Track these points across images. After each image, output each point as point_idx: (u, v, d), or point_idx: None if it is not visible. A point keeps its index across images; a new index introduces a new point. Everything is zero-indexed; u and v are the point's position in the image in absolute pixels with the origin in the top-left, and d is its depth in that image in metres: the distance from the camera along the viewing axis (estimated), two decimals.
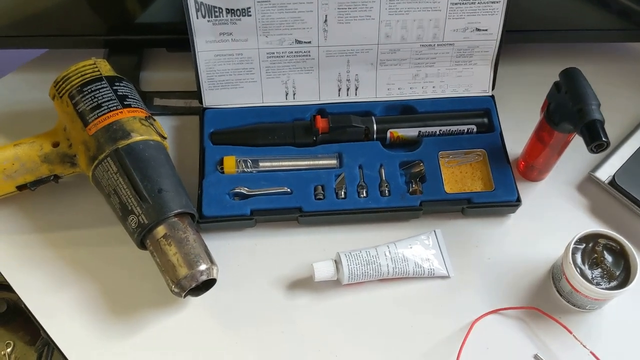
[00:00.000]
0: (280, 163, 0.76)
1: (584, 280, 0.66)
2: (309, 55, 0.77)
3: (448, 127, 0.78)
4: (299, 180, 0.74)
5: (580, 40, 0.89)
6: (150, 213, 0.67)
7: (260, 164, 0.75)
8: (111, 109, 0.71)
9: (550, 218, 0.77)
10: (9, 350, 1.24)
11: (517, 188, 0.75)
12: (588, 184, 0.79)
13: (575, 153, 0.75)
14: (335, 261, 0.70)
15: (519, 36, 0.84)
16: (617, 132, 0.83)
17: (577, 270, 0.66)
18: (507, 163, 0.77)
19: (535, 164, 0.78)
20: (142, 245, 0.69)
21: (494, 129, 0.79)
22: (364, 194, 0.74)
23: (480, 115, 0.80)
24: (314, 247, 0.73)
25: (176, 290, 0.66)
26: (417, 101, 0.80)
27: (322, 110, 0.80)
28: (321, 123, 0.77)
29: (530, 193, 0.78)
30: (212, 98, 0.79)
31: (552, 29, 0.84)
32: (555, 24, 0.84)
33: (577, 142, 0.67)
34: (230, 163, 0.75)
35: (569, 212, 0.77)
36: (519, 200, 0.74)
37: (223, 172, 0.74)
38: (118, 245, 0.73)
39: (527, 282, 0.72)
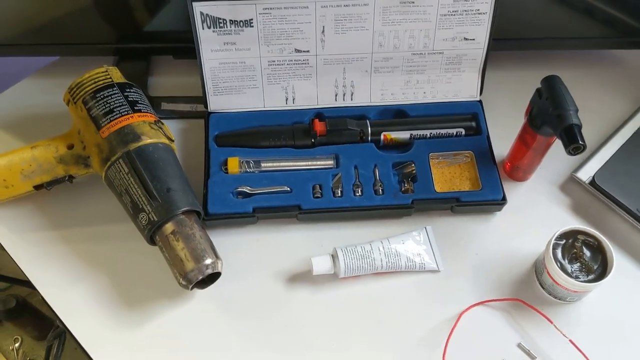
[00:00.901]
0: (281, 164, 0.78)
1: (563, 274, 0.68)
2: (308, 63, 0.79)
3: (438, 130, 0.81)
4: (298, 179, 0.76)
5: (563, 48, 0.91)
6: (159, 211, 0.69)
7: (262, 164, 0.78)
8: (122, 113, 0.74)
9: (534, 216, 0.79)
10: (17, 345, 1.28)
11: (502, 187, 0.78)
12: (570, 184, 0.82)
13: (558, 155, 0.74)
14: (332, 256, 0.72)
15: (505, 44, 0.86)
16: (597, 135, 0.85)
17: (557, 265, 0.69)
18: (494, 164, 0.79)
19: (520, 165, 0.81)
20: (151, 241, 0.71)
21: (481, 132, 0.81)
22: (359, 193, 0.76)
23: (469, 119, 0.82)
24: (312, 243, 0.75)
25: (183, 282, 0.69)
26: (409, 106, 0.83)
27: (320, 114, 0.82)
28: (319, 126, 0.79)
29: (516, 192, 0.81)
30: (216, 103, 0.82)
31: (536, 37, 0.87)
32: (540, 31, 0.86)
33: (559, 145, 0.69)
34: (233, 164, 0.77)
35: (551, 210, 0.80)
36: (504, 199, 0.77)
37: (227, 173, 0.77)
38: (129, 241, 0.75)
39: (511, 275, 0.75)
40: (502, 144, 0.81)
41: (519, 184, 0.82)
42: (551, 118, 0.70)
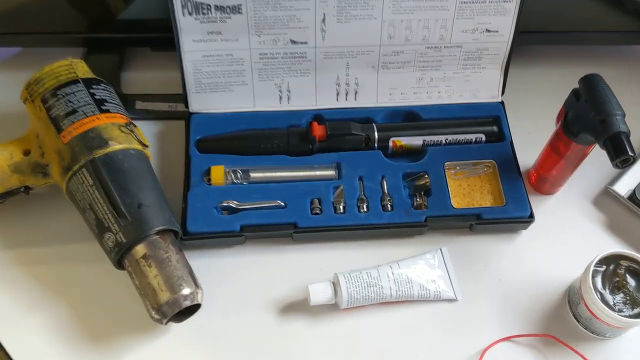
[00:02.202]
0: (273, 174, 0.72)
1: (605, 307, 0.61)
2: (305, 57, 0.73)
3: (455, 136, 0.75)
4: (294, 192, 0.70)
5: (599, 43, 0.86)
6: (128, 230, 0.62)
7: (251, 174, 0.71)
8: (87, 114, 0.66)
9: (564, 235, 0.73)
10: None
11: (529, 203, 0.71)
12: (605, 199, 0.76)
13: (591, 164, 0.71)
14: (333, 283, 0.66)
15: (532, 38, 0.80)
16: (638, 142, 0.75)
17: (597, 295, 0.62)
18: (519, 175, 0.73)
19: (548, 176, 0.74)
20: (120, 265, 0.64)
21: (504, 138, 0.75)
22: (365, 209, 0.70)
23: (490, 123, 0.76)
24: (310, 267, 0.69)
25: (157, 316, 0.61)
26: (421, 107, 0.77)
27: (319, 116, 0.76)
28: (318, 130, 0.73)
29: (542, 208, 0.74)
30: (199, 102, 0.75)
31: (568, 30, 0.81)
32: (572, 24, 0.81)
33: (594, 152, 0.64)
34: (218, 173, 0.70)
35: (584, 229, 0.74)
36: (532, 216, 0.71)
37: (210, 184, 0.70)
38: (94, 263, 0.68)
39: (541, 306, 0.68)
40: (526, 152, 0.75)
41: (545, 198, 0.76)
42: (592, 124, 0.62)
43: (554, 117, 0.68)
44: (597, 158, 0.65)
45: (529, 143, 0.75)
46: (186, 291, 0.61)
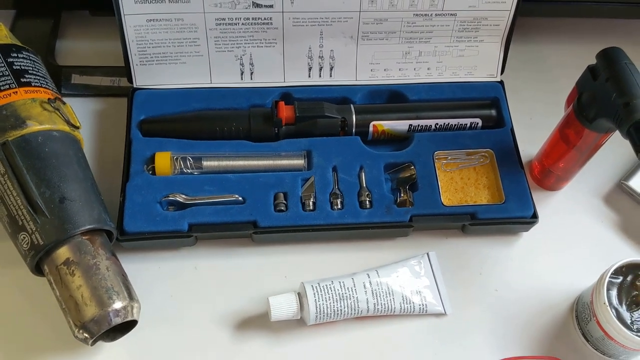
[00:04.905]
0: (230, 162, 0.65)
1: (621, 326, 0.54)
2: (271, 24, 0.65)
3: (446, 121, 0.68)
4: (254, 185, 0.63)
5: (617, 16, 0.79)
6: (47, 230, 0.53)
7: (204, 163, 0.64)
8: (2, 88, 0.57)
9: (571, 238, 0.66)
10: None
11: (532, 200, 0.63)
12: (618, 195, 0.69)
13: (603, 156, 0.64)
14: (299, 294, 0.58)
15: (538, 8, 0.74)
16: None
17: (612, 312, 0.55)
18: (521, 167, 0.65)
19: (553, 168, 0.66)
20: (38, 271, 0.55)
21: (503, 123, 0.68)
22: (339, 205, 0.63)
23: (487, 106, 0.69)
24: (272, 274, 0.62)
25: (81, 336, 0.52)
26: (407, 86, 0.70)
27: (286, 94, 0.69)
28: (285, 111, 0.66)
29: (545, 206, 0.67)
30: (144, 76, 0.67)
31: (581, 0, 0.74)
32: None
33: (608, 142, 0.59)
34: (164, 161, 0.63)
35: (595, 231, 0.67)
36: (535, 215, 0.63)
37: (154, 174, 0.63)
38: (9, 266, 0.60)
39: (544, 322, 0.61)
40: (528, 141, 0.69)
41: (549, 195, 0.68)
42: (613, 108, 0.54)
43: (562, 99, 0.62)
44: (610, 149, 0.61)
45: (532, 130, 0.69)
46: (117, 305, 0.52)
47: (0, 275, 0.60)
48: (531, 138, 0.68)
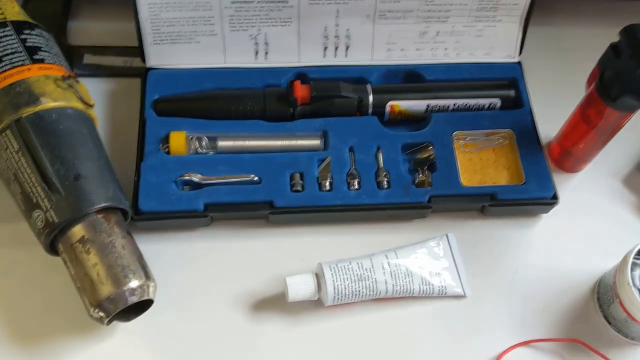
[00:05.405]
0: (246, 143, 0.63)
1: None
2: (287, 2, 0.63)
3: (465, 101, 0.66)
4: (270, 165, 0.62)
5: None
6: (62, 208, 0.52)
7: (219, 143, 0.63)
8: (15, 64, 0.56)
9: (591, 220, 0.64)
10: None
11: (553, 181, 0.62)
12: (638, 177, 0.67)
13: (621, 137, 0.62)
14: (317, 275, 0.56)
15: None
16: None
17: (636, 293, 0.53)
18: (540, 148, 0.64)
19: (573, 150, 0.64)
20: (53, 250, 0.54)
21: (522, 104, 0.66)
22: (356, 186, 0.61)
23: (506, 87, 0.67)
24: (289, 255, 0.61)
25: (96, 315, 0.51)
26: (425, 67, 0.69)
27: (302, 74, 0.68)
28: (301, 91, 0.64)
29: (565, 187, 0.65)
30: (158, 55, 0.66)
31: None
32: None
33: (628, 124, 0.58)
34: (179, 141, 0.61)
35: (614, 212, 0.65)
36: (555, 196, 0.62)
37: (169, 153, 0.61)
38: (23, 247, 0.58)
39: (565, 304, 0.60)
40: (547, 121, 0.67)
41: (568, 176, 0.67)
42: (638, 84, 0.53)
43: (580, 80, 0.60)
44: (630, 130, 0.60)
45: (550, 110, 0.67)
46: (134, 284, 0.51)
47: (12, 257, 0.59)
48: (549, 119, 0.66)
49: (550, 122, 0.66)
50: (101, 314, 0.50)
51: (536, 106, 0.66)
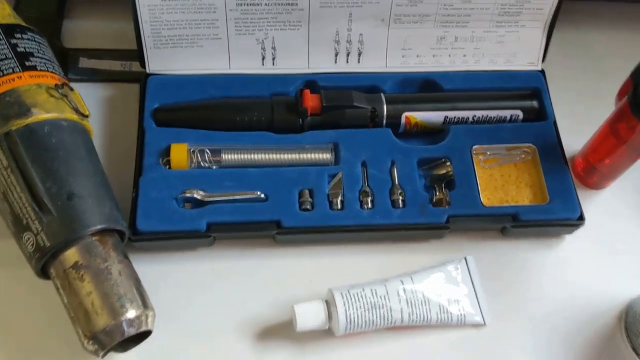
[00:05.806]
0: (252, 156, 0.60)
1: None
2: (296, 5, 0.61)
3: (485, 112, 0.63)
4: (278, 181, 0.59)
5: None
6: (54, 230, 0.48)
7: (223, 156, 0.60)
8: (5, 72, 0.53)
9: (618, 242, 0.62)
10: None
11: (579, 200, 0.59)
12: None
13: None
14: (327, 302, 0.53)
15: None
16: None
17: None
18: (565, 164, 0.61)
19: (599, 165, 0.61)
20: (44, 274, 0.50)
21: (545, 116, 0.63)
22: (369, 204, 0.58)
23: (528, 97, 0.64)
24: (297, 279, 0.58)
25: (90, 348, 0.48)
26: (442, 74, 0.66)
27: (312, 82, 0.65)
28: (310, 101, 0.61)
29: (590, 205, 0.62)
30: (158, 60, 0.63)
31: None
32: None
33: None
34: (180, 154, 0.58)
35: None
36: (582, 217, 0.59)
37: (169, 167, 0.59)
38: (12, 267, 0.55)
39: (591, 332, 0.57)
40: (570, 135, 0.64)
41: (593, 194, 0.64)
42: None
43: (607, 91, 0.58)
44: None
45: (574, 123, 0.64)
46: (131, 314, 0.48)
47: (2, 277, 0.56)
48: (574, 132, 0.63)
49: (574, 135, 0.63)
50: (96, 346, 0.47)
51: (560, 118, 0.63)
